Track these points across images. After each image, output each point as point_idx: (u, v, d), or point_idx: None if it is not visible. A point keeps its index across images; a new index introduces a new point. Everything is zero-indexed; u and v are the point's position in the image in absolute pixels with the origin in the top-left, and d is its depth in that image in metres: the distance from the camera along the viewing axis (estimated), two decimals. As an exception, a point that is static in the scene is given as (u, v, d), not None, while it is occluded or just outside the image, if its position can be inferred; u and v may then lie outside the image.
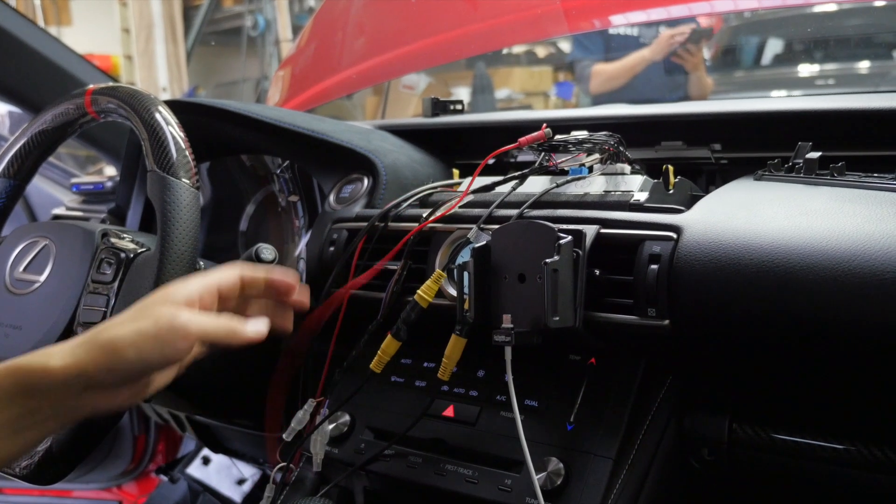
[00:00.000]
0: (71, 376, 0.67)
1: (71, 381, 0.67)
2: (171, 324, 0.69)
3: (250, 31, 6.64)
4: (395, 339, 0.87)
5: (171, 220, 0.89)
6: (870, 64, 2.53)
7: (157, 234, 0.90)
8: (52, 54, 1.47)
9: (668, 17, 2.26)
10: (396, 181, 1.12)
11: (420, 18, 1.78)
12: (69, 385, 0.67)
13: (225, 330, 0.75)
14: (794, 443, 0.78)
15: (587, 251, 0.78)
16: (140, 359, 0.68)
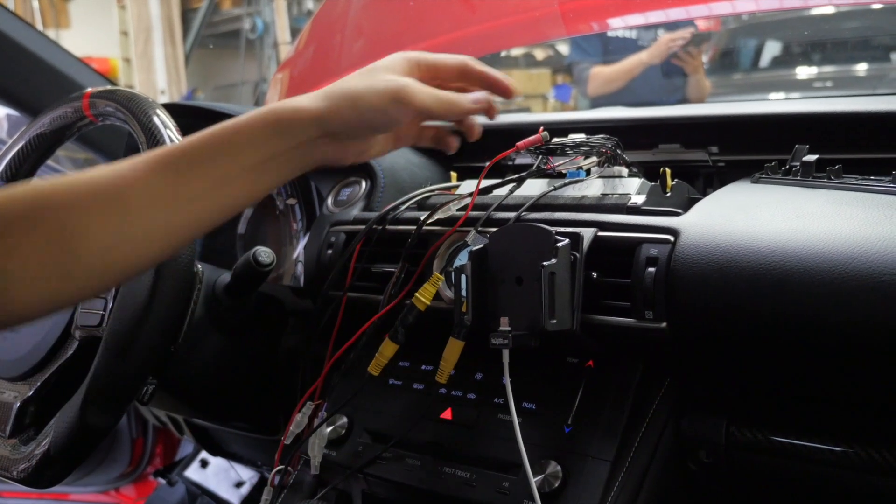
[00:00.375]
0: (316, 119, 0.75)
1: (315, 123, 0.75)
2: (403, 88, 0.77)
3: (249, 34, 6.65)
4: (392, 342, 0.87)
5: (168, 223, 0.89)
6: (867, 66, 2.54)
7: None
8: (50, 57, 1.47)
9: (666, 20, 2.26)
10: (394, 184, 1.12)
11: (418, 21, 1.78)
12: (313, 127, 0.75)
13: (446, 101, 0.81)
14: (792, 445, 0.78)
15: (584, 254, 0.79)
16: (372, 113, 0.77)
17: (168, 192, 0.70)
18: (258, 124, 0.74)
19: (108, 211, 0.68)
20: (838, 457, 0.76)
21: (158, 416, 1.43)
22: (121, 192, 0.69)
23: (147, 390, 0.94)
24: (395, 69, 0.80)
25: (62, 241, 0.66)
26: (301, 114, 0.75)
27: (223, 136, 0.73)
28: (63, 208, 0.67)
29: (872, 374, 0.71)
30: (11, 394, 0.98)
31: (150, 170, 0.70)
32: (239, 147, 0.73)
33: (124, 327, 0.88)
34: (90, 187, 0.68)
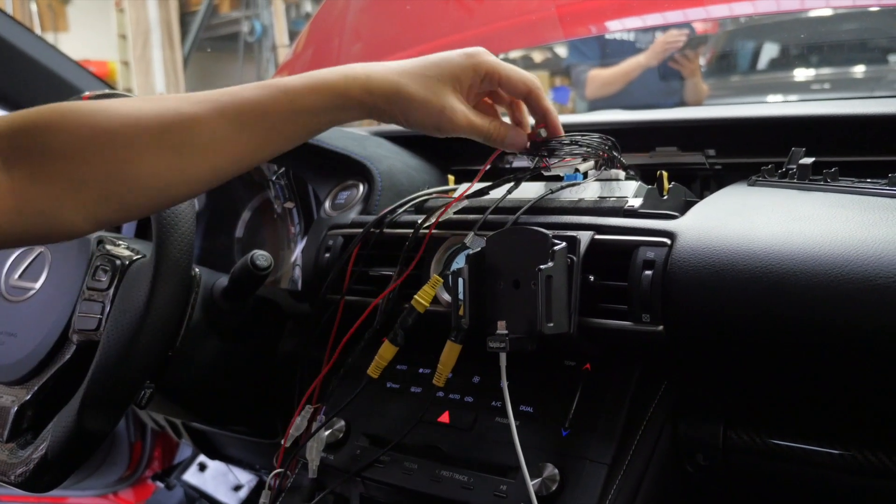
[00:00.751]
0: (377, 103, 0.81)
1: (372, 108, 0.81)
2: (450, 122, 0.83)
3: (247, 37, 6.65)
4: (392, 345, 0.88)
5: (166, 228, 0.89)
6: (865, 68, 2.54)
7: (153, 241, 0.90)
8: (48, 61, 1.47)
9: (664, 23, 2.27)
10: (392, 187, 1.12)
11: (416, 24, 1.78)
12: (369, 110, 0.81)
13: (495, 131, 0.87)
14: (790, 448, 0.78)
15: (581, 257, 0.79)
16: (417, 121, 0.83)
17: (230, 141, 0.74)
18: (328, 97, 0.79)
19: (166, 149, 0.70)
20: (835, 459, 0.76)
21: (157, 420, 1.43)
22: (186, 136, 0.71)
23: (145, 394, 0.94)
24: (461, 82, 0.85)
25: (118, 173, 0.69)
26: (367, 99, 0.80)
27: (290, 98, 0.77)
28: (126, 139, 0.69)
29: (869, 377, 0.71)
30: (9, 398, 0.98)
31: (218, 117, 0.73)
32: (301, 112, 0.77)
33: (122, 331, 0.88)
34: (155, 123, 0.70)
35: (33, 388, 0.97)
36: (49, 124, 0.68)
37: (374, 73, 0.81)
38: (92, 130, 0.68)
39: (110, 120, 0.69)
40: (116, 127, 0.69)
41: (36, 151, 0.66)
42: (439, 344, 0.84)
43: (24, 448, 0.93)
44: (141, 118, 0.70)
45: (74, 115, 0.68)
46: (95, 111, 0.69)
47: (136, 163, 0.69)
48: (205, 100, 0.74)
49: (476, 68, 0.85)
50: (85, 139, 0.68)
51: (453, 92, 0.84)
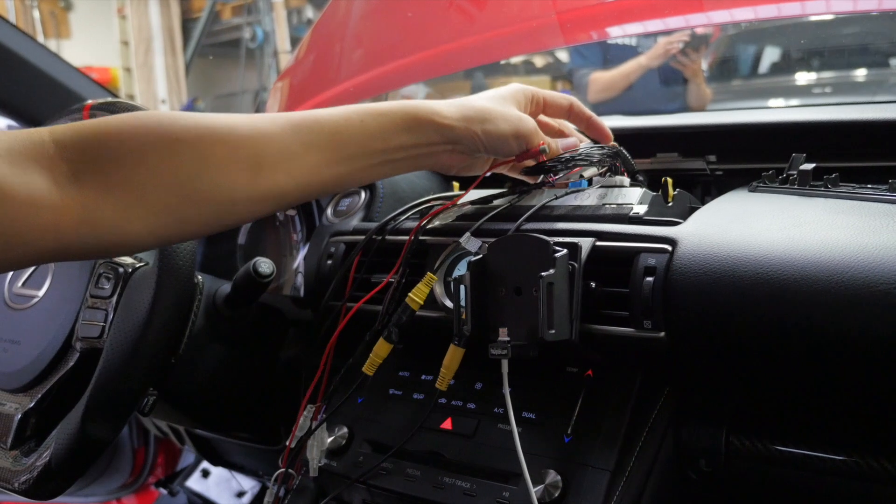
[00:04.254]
0: (449, 127, 0.81)
1: (446, 130, 0.81)
2: (528, 128, 0.86)
3: (249, 43, 6.66)
4: (386, 342, 0.88)
5: (168, 235, 0.89)
6: (866, 72, 2.54)
7: (155, 248, 0.90)
8: (51, 69, 1.48)
9: (665, 29, 2.27)
10: (393, 194, 1.12)
11: (417, 31, 1.78)
12: (444, 132, 0.81)
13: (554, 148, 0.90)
14: (792, 454, 0.78)
15: (583, 264, 0.79)
16: (497, 138, 0.83)
17: (298, 159, 0.73)
18: (396, 117, 0.78)
19: (239, 164, 0.69)
20: (838, 465, 0.76)
21: (160, 427, 1.43)
22: (257, 148, 0.70)
23: (148, 401, 0.94)
24: (519, 102, 0.88)
25: (189, 185, 0.67)
26: (437, 118, 0.80)
27: (360, 118, 0.77)
28: (198, 150, 0.67)
29: (870, 383, 0.71)
30: (13, 405, 0.98)
31: (288, 132, 0.72)
32: (371, 134, 0.77)
33: (125, 339, 0.88)
34: (227, 136, 0.69)
35: (37, 395, 0.97)
36: (120, 131, 0.66)
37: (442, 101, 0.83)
38: (163, 138, 0.66)
39: (185, 129, 0.67)
40: (191, 137, 0.67)
41: (104, 159, 0.64)
42: (441, 351, 0.84)
43: (27, 455, 0.93)
44: (216, 130, 0.69)
45: (146, 121, 0.67)
46: (171, 118, 0.68)
47: (207, 175, 0.68)
48: (279, 117, 0.73)
49: (524, 91, 0.89)
50: (155, 146, 0.66)
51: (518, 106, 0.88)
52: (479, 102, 0.84)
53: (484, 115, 0.83)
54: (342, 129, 0.76)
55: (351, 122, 0.76)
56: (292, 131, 0.73)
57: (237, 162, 0.69)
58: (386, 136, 0.78)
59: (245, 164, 0.69)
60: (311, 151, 0.74)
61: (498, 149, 0.86)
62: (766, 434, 0.80)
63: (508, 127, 0.84)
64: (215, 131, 0.69)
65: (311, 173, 0.74)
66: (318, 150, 0.74)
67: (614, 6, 1.54)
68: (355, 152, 0.76)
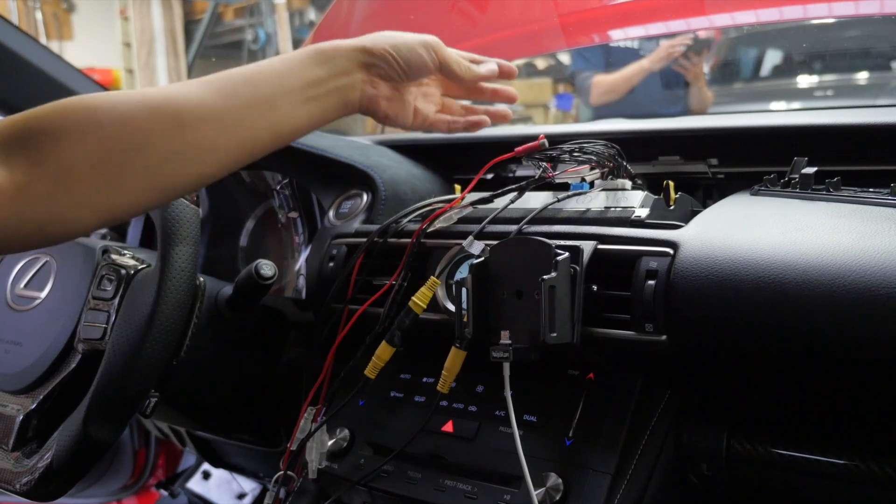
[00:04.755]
0: (354, 48, 0.83)
1: (354, 52, 0.83)
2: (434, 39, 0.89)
3: (251, 45, 6.65)
4: (389, 345, 0.88)
5: (171, 237, 0.90)
6: (868, 75, 2.54)
7: (158, 250, 0.90)
8: (53, 70, 1.48)
9: (667, 32, 2.27)
10: (395, 196, 1.12)
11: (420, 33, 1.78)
12: (352, 57, 0.83)
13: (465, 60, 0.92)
14: (793, 457, 0.78)
15: (584, 267, 0.79)
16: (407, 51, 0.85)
17: (218, 110, 0.73)
18: (301, 54, 0.80)
19: (161, 125, 0.70)
20: (839, 469, 0.76)
21: (161, 428, 1.43)
22: (175, 107, 0.71)
23: (150, 403, 0.94)
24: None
25: (115, 153, 0.67)
26: (341, 45, 0.83)
27: (269, 63, 0.79)
28: (120, 119, 0.68)
29: (871, 387, 0.71)
30: (14, 407, 0.98)
31: (203, 89, 0.73)
32: (282, 73, 0.78)
33: (127, 341, 0.89)
34: (144, 101, 0.70)
35: (38, 396, 0.97)
36: (46, 112, 0.67)
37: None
38: (85, 113, 0.67)
39: (105, 101, 0.69)
40: (110, 107, 0.68)
41: (33, 141, 0.66)
42: (443, 354, 0.84)
43: (29, 457, 0.93)
44: (132, 98, 0.70)
45: (71, 102, 0.68)
46: (93, 97, 0.69)
47: (132, 140, 0.68)
48: (198, 80, 0.75)
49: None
50: (77, 121, 0.67)
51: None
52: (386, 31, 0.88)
53: (388, 34, 0.87)
54: (254, 74, 0.77)
55: (261, 67, 0.78)
56: (208, 86, 0.74)
57: (159, 121, 0.70)
58: (298, 73, 0.79)
59: (168, 123, 0.70)
60: (229, 100, 0.74)
61: (412, 63, 0.87)
62: (767, 437, 0.80)
63: (413, 38, 0.87)
64: (132, 99, 0.70)
65: (237, 124, 0.75)
66: (235, 97, 0.75)
67: (616, 9, 1.54)
68: (272, 94, 0.77)
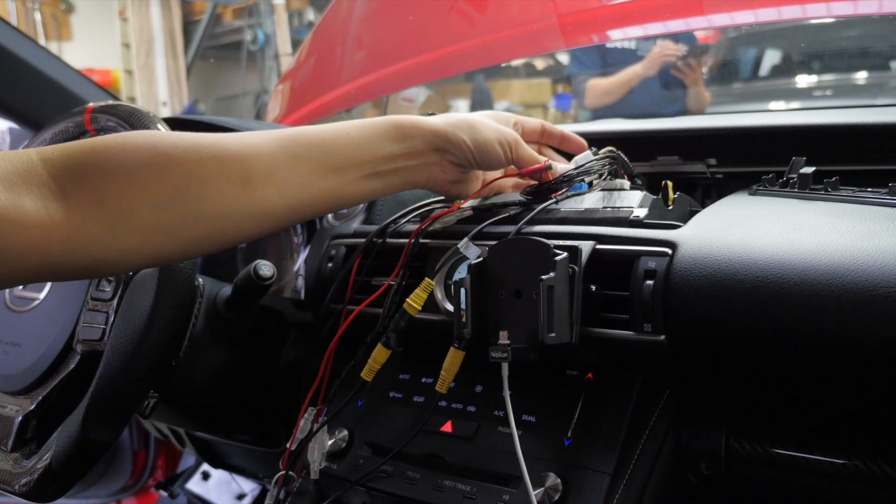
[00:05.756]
0: (434, 133, 0.82)
1: (432, 136, 0.82)
2: (515, 137, 0.88)
3: (250, 46, 6.66)
4: (385, 348, 0.88)
5: (169, 238, 0.89)
6: (867, 75, 2.54)
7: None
8: (52, 71, 1.48)
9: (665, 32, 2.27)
10: (394, 197, 1.12)
11: (419, 34, 1.79)
12: (428, 141, 0.82)
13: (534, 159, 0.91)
14: (793, 457, 0.78)
15: (583, 267, 0.79)
16: (484, 145, 0.85)
17: (287, 171, 0.73)
18: (380, 127, 0.80)
19: (228, 178, 0.69)
20: (838, 469, 0.76)
21: (160, 429, 1.43)
22: (245, 162, 0.70)
23: (149, 404, 0.94)
24: (501, 120, 0.91)
25: (177, 202, 0.66)
26: (421, 124, 0.82)
27: (346, 131, 0.78)
28: (187, 167, 0.67)
29: (870, 386, 0.71)
30: (13, 408, 0.98)
31: (275, 147, 0.73)
32: (358, 144, 0.78)
33: (126, 341, 0.89)
34: (216, 151, 0.69)
35: (37, 397, 0.97)
36: (108, 148, 0.66)
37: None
38: (151, 154, 0.66)
39: (173, 145, 0.67)
40: (179, 153, 0.67)
41: (92, 176, 0.64)
42: (441, 354, 0.84)
43: (28, 458, 0.93)
44: (202, 145, 0.69)
45: (134, 139, 0.67)
46: (159, 136, 0.68)
47: (197, 190, 0.67)
48: (266, 133, 0.74)
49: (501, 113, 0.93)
50: (143, 162, 0.66)
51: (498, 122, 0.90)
52: (462, 114, 0.87)
53: (469, 122, 0.85)
54: (328, 140, 0.76)
55: (337, 133, 0.77)
56: (279, 144, 0.73)
57: (226, 176, 0.69)
58: (372, 146, 0.78)
59: (234, 178, 0.69)
60: (299, 164, 0.74)
61: (486, 155, 0.86)
62: (767, 437, 0.80)
63: (493, 133, 0.86)
64: (202, 146, 0.69)
65: (301, 187, 0.74)
66: (306, 162, 0.74)
67: (615, 9, 1.54)
68: (343, 163, 0.76)
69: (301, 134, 0.75)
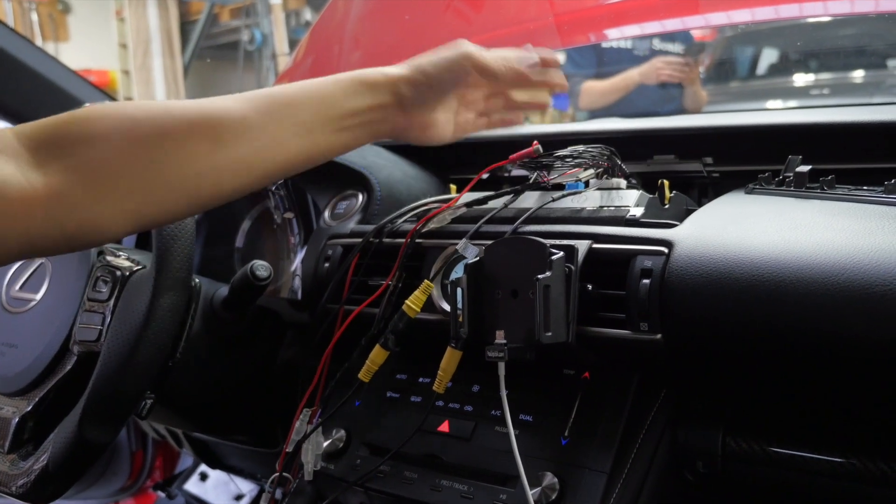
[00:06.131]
0: (394, 80, 0.84)
1: (392, 86, 0.84)
2: (463, 50, 0.87)
3: (247, 46, 6.66)
4: (382, 349, 0.88)
5: (166, 238, 0.90)
6: (864, 73, 2.54)
7: (153, 251, 0.90)
8: (48, 72, 1.48)
9: (663, 31, 2.27)
10: (391, 197, 1.12)
11: (415, 33, 1.78)
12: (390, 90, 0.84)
13: (502, 57, 0.90)
14: (789, 455, 0.78)
15: (579, 266, 0.79)
16: (435, 73, 0.86)
17: (256, 129, 0.74)
18: (345, 82, 0.82)
19: (199, 136, 0.71)
20: (835, 467, 0.76)
21: (158, 430, 1.43)
22: (213, 123, 0.72)
23: (145, 405, 0.94)
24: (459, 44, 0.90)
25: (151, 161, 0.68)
26: (382, 77, 0.84)
27: (314, 87, 0.80)
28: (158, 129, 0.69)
29: (866, 385, 0.71)
30: (10, 409, 0.98)
31: (243, 106, 0.74)
32: (326, 99, 0.80)
33: (122, 342, 0.89)
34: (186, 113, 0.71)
35: (34, 399, 0.97)
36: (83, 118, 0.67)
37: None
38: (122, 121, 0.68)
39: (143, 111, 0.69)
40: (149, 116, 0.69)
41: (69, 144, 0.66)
42: (438, 354, 0.84)
43: (25, 459, 0.93)
44: (172, 108, 0.71)
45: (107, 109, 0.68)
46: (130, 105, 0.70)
47: (170, 151, 0.69)
48: (236, 95, 0.76)
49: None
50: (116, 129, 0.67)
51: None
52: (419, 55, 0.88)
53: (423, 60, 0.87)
54: (296, 98, 0.78)
55: (305, 91, 0.79)
56: (250, 104, 0.75)
57: (197, 135, 0.71)
58: (339, 102, 0.80)
59: (205, 136, 0.71)
60: (270, 121, 0.75)
61: (448, 79, 0.87)
62: (763, 436, 0.80)
63: (449, 54, 0.87)
64: (172, 110, 0.71)
65: (274, 143, 0.76)
66: (276, 120, 0.76)
67: (611, 8, 1.54)
68: (311, 120, 0.79)
69: (269, 94, 0.77)
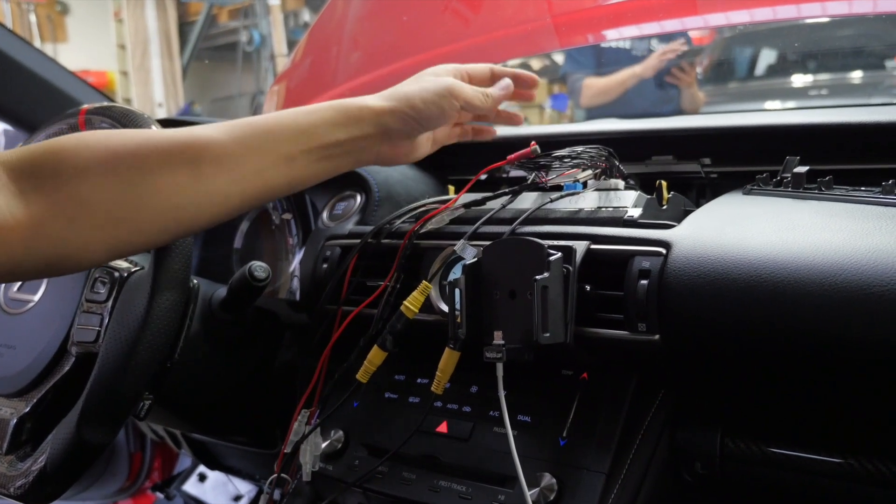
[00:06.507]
0: (379, 114, 0.84)
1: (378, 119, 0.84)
2: (452, 84, 0.88)
3: (246, 47, 6.66)
4: (380, 350, 0.88)
5: (164, 239, 0.89)
6: (862, 74, 2.54)
7: (151, 252, 0.90)
8: (46, 73, 1.48)
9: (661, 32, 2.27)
10: (389, 197, 1.12)
11: (413, 34, 1.79)
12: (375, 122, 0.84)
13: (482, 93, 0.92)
14: (787, 456, 0.78)
15: (577, 267, 0.79)
16: (427, 108, 0.86)
17: (238, 159, 0.75)
18: (326, 114, 0.82)
19: (179, 167, 0.71)
20: (834, 468, 0.76)
21: (156, 431, 1.43)
22: (193, 154, 0.73)
23: (144, 405, 0.94)
24: (441, 73, 0.92)
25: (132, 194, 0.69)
26: (366, 110, 0.84)
27: (296, 118, 0.80)
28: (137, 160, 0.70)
29: (865, 385, 0.71)
30: (8, 410, 0.98)
31: (225, 135, 0.75)
32: (307, 131, 0.80)
33: (120, 343, 0.88)
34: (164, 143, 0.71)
35: (32, 400, 0.97)
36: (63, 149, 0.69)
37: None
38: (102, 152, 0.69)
39: (123, 141, 0.70)
40: (129, 147, 0.70)
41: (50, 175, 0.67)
42: (437, 354, 0.84)
43: (23, 460, 0.93)
44: (151, 138, 0.71)
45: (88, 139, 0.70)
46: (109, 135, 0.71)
47: (149, 182, 0.70)
48: (217, 124, 0.76)
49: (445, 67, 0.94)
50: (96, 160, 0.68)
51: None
52: (401, 88, 0.88)
53: (405, 93, 0.87)
54: (275, 129, 0.78)
55: (284, 121, 0.79)
56: (228, 134, 0.75)
57: (175, 166, 0.71)
58: (320, 133, 0.80)
59: (184, 167, 0.72)
60: (249, 151, 0.76)
61: (431, 116, 0.87)
62: (762, 436, 0.80)
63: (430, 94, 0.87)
64: (151, 140, 0.71)
65: (252, 174, 0.76)
66: (255, 150, 0.76)
67: (609, 9, 1.54)
68: (291, 151, 0.79)
69: (249, 123, 0.77)
